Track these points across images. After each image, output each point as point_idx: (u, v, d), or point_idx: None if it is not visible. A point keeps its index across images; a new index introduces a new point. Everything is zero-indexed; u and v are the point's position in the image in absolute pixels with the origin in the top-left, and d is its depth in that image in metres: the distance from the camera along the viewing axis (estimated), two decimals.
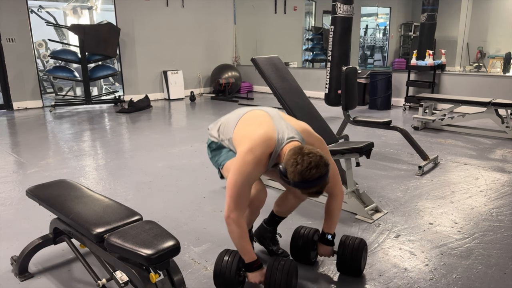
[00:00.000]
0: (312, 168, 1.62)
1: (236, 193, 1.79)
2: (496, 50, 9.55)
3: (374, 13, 11.86)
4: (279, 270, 1.84)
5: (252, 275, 1.89)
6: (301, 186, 1.68)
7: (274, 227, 2.30)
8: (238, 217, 1.81)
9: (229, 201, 1.80)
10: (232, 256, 1.92)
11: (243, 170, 1.76)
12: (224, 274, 1.89)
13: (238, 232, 1.82)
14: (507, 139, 4.85)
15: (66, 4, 10.36)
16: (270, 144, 1.80)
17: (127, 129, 5.82)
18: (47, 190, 2.15)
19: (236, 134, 1.95)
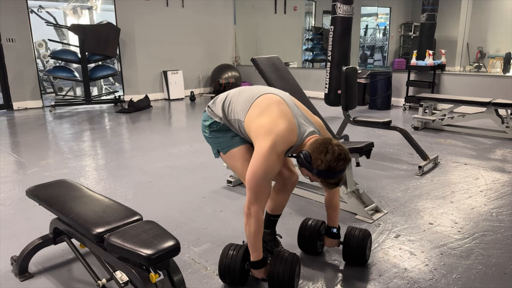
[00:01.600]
0: (341, 159, 1.68)
1: (257, 186, 1.77)
2: (496, 50, 9.55)
3: (374, 13, 11.85)
4: (282, 263, 1.87)
5: (256, 272, 1.93)
6: (324, 175, 1.71)
7: (272, 228, 2.29)
8: (258, 211, 1.80)
9: (250, 195, 1.79)
10: (237, 250, 1.95)
11: (265, 165, 1.74)
12: (229, 267, 1.91)
13: (256, 227, 1.82)
14: (507, 139, 4.85)
15: (66, 4, 10.36)
16: (292, 139, 1.79)
17: (127, 129, 5.82)
18: (47, 190, 2.15)
19: (251, 121, 1.85)
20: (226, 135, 2.00)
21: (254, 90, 1.96)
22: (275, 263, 1.88)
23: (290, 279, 1.85)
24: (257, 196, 1.79)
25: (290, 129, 1.79)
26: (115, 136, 5.32)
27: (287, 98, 1.94)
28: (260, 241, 1.88)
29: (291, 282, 1.86)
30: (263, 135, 1.76)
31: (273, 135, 1.74)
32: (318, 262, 2.23)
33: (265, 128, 1.77)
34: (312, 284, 2.03)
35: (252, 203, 1.80)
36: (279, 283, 1.86)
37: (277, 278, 1.86)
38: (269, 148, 1.73)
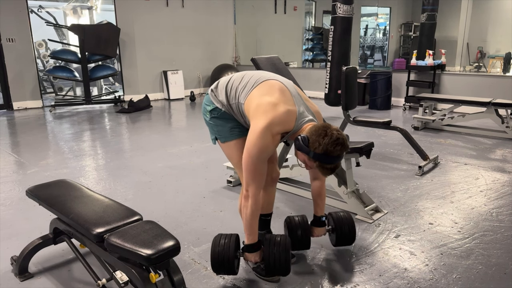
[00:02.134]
0: (339, 144, 1.68)
1: (253, 166, 1.78)
2: (496, 50, 9.55)
3: (374, 13, 11.86)
4: (277, 245, 1.87)
5: (250, 255, 1.92)
6: (321, 159, 1.70)
7: (267, 229, 2.29)
8: (256, 192, 1.80)
9: (247, 176, 1.80)
10: (228, 238, 1.93)
11: (260, 144, 1.74)
12: (223, 256, 1.89)
13: (253, 208, 1.82)
14: (507, 139, 4.85)
15: (66, 4, 10.36)
16: (289, 124, 1.80)
17: (127, 129, 5.82)
18: (47, 190, 2.15)
19: (250, 102, 1.85)
20: (226, 126, 2.00)
21: (258, 75, 1.95)
22: (269, 245, 1.88)
23: (286, 260, 1.85)
24: (254, 176, 1.79)
25: (289, 113, 1.79)
26: (115, 136, 5.32)
27: (290, 85, 1.94)
28: (257, 224, 1.88)
29: (287, 263, 1.86)
30: (260, 115, 1.77)
31: (270, 115, 1.75)
32: (318, 262, 2.23)
33: (263, 108, 1.78)
34: (312, 284, 2.03)
35: (249, 183, 1.80)
36: (275, 264, 1.86)
37: (273, 260, 1.85)
38: (264, 127, 1.73)
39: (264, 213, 2.22)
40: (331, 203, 2.97)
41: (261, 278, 2.07)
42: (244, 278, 2.09)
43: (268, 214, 2.26)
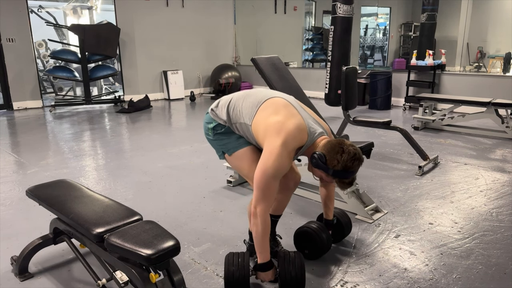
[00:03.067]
0: (356, 159, 1.73)
1: (266, 185, 1.76)
2: (496, 50, 9.55)
3: (374, 13, 11.86)
4: (291, 262, 1.88)
5: (264, 274, 1.90)
6: (340, 175, 1.75)
7: (272, 228, 2.27)
8: (265, 210, 1.80)
9: (257, 193, 1.78)
10: (242, 257, 1.91)
11: (277, 163, 1.73)
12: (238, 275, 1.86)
13: (263, 227, 1.81)
14: (507, 139, 4.85)
15: (66, 4, 10.36)
16: (302, 138, 1.80)
17: (127, 129, 5.82)
18: (47, 190, 2.15)
19: (258, 123, 1.85)
20: (232, 137, 1.99)
21: (260, 94, 1.95)
22: (284, 263, 1.87)
23: (301, 278, 1.86)
24: (265, 195, 1.78)
25: (300, 128, 1.79)
26: (115, 136, 5.32)
27: (293, 101, 1.96)
28: (267, 242, 1.87)
29: (302, 281, 1.86)
30: (273, 134, 1.76)
31: (284, 133, 1.74)
32: (318, 263, 2.23)
33: (274, 127, 1.78)
34: (312, 284, 2.03)
35: (259, 202, 1.79)
36: (291, 283, 1.86)
37: (289, 278, 1.85)
38: (280, 145, 1.73)
39: (275, 214, 2.22)
40: None
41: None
42: None
43: (278, 215, 2.25)
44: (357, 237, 2.50)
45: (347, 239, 2.48)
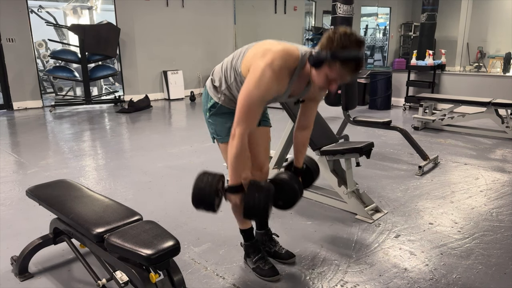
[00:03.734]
0: (351, 34, 1.59)
1: (248, 108, 1.71)
2: (496, 50, 9.55)
3: (374, 13, 11.86)
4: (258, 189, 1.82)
5: (232, 196, 1.86)
6: (341, 56, 1.57)
7: (265, 228, 2.28)
8: (244, 133, 1.75)
9: (238, 115, 1.73)
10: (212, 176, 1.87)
11: (259, 83, 1.67)
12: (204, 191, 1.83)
13: (238, 149, 1.76)
14: (507, 139, 4.85)
15: (66, 4, 10.36)
16: (292, 58, 1.71)
17: (127, 129, 5.82)
18: (47, 190, 2.15)
19: (246, 61, 1.79)
20: (224, 126, 1.97)
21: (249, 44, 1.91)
22: (250, 189, 1.83)
23: (265, 206, 1.80)
24: (246, 117, 1.73)
25: (289, 49, 1.72)
26: (115, 136, 5.32)
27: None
28: (241, 165, 1.82)
29: (266, 209, 1.80)
30: (258, 58, 1.71)
31: (269, 54, 1.68)
32: (318, 262, 2.23)
33: (259, 54, 1.72)
34: (312, 285, 2.03)
35: (239, 123, 1.74)
36: (254, 209, 1.80)
37: (253, 204, 1.80)
38: (264, 65, 1.66)
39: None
40: (331, 203, 2.97)
41: (261, 278, 2.08)
42: (244, 278, 2.09)
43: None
44: (357, 237, 2.51)
45: (347, 239, 2.48)
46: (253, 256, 2.15)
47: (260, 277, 2.08)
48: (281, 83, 1.73)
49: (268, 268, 2.09)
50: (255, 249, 2.16)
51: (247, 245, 2.18)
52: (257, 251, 2.16)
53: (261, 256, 2.14)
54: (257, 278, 2.08)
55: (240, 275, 2.12)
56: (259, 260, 2.12)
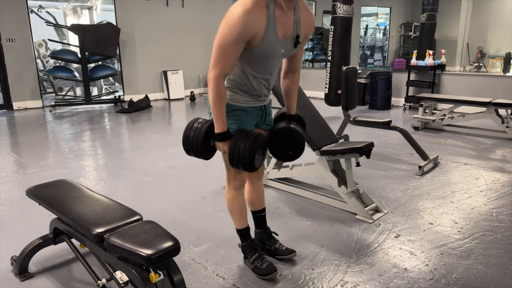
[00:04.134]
0: None
1: (221, 49, 1.69)
2: (496, 50, 9.55)
3: (374, 13, 11.86)
4: (245, 137, 1.82)
5: (220, 144, 1.86)
6: None
7: (264, 226, 2.28)
8: (217, 75, 1.74)
9: (212, 58, 1.73)
10: (202, 123, 1.90)
11: (230, 24, 1.64)
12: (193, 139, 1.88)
13: (216, 93, 1.76)
14: (507, 139, 4.85)
15: (66, 4, 10.36)
16: None
17: (127, 129, 5.82)
18: (47, 190, 2.15)
19: None
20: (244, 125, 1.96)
21: None
22: (237, 136, 1.83)
23: (250, 154, 1.79)
24: (219, 59, 1.71)
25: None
26: (115, 136, 5.32)
27: None
28: (223, 111, 1.80)
29: (251, 157, 1.79)
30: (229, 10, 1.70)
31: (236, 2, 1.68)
32: (318, 262, 2.23)
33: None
34: (312, 285, 2.03)
35: (213, 66, 1.73)
36: (239, 156, 1.80)
37: (238, 151, 1.80)
38: (233, 5, 1.66)
39: (257, 209, 2.24)
40: (331, 203, 2.97)
41: (260, 277, 2.08)
42: (244, 278, 2.09)
43: (261, 209, 2.25)
44: (357, 237, 2.51)
45: (347, 239, 2.48)
46: (250, 256, 2.15)
47: (259, 277, 2.08)
48: (257, 16, 1.66)
49: (265, 266, 2.09)
50: (251, 249, 2.16)
51: (244, 245, 2.18)
52: (254, 250, 2.16)
53: (258, 255, 2.14)
54: (257, 278, 2.08)
55: (240, 275, 2.12)
56: (256, 259, 2.13)
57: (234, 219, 2.13)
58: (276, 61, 1.89)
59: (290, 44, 1.82)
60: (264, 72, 1.88)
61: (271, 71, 1.90)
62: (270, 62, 1.86)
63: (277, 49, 1.79)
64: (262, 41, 1.71)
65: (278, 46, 1.78)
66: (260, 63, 1.83)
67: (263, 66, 1.85)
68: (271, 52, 1.78)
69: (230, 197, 2.06)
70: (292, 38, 1.81)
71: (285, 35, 1.78)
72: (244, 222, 2.13)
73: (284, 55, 1.87)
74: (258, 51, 1.75)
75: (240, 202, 2.07)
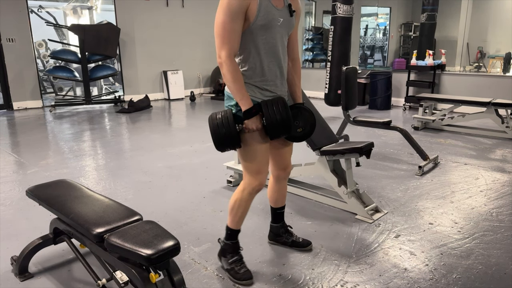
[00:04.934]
0: None
1: (222, 29, 1.74)
2: (496, 50, 9.55)
3: (374, 13, 11.86)
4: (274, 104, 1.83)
5: (250, 121, 1.83)
6: None
7: (281, 221, 2.35)
8: (229, 54, 1.76)
9: (218, 40, 1.76)
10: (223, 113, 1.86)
11: (226, 5, 1.72)
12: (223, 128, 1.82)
13: (231, 72, 1.77)
14: (507, 139, 4.85)
15: (66, 4, 10.36)
16: None
17: (127, 129, 5.82)
18: (47, 190, 2.15)
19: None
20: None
21: None
22: (266, 105, 1.83)
23: (287, 119, 1.81)
24: (224, 38, 1.75)
25: None
26: (115, 136, 5.32)
27: None
28: (243, 87, 1.80)
29: (288, 119, 1.82)
30: None
31: None
32: (318, 262, 2.23)
33: None
34: (312, 285, 2.03)
35: (220, 48, 1.76)
36: (277, 123, 1.81)
37: (275, 120, 1.80)
38: None
39: (278, 206, 2.30)
40: (331, 203, 2.97)
41: (234, 281, 2.05)
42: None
43: (282, 207, 2.31)
44: (357, 237, 2.51)
45: (347, 239, 2.49)
46: (229, 256, 2.12)
47: (233, 280, 2.05)
48: None
49: (243, 272, 2.06)
50: (234, 250, 2.13)
51: (228, 244, 2.14)
52: (235, 252, 2.13)
53: (238, 259, 2.11)
54: (257, 278, 2.08)
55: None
56: (235, 262, 2.10)
57: (231, 217, 2.08)
58: (279, 33, 1.89)
59: (286, 13, 1.90)
60: (271, 47, 1.88)
61: (277, 45, 1.89)
62: (273, 34, 1.87)
63: (276, 16, 1.85)
64: (259, 10, 1.78)
65: (276, 13, 1.84)
66: (265, 37, 1.85)
67: (268, 40, 1.86)
68: (271, 18, 1.83)
69: (240, 198, 2.02)
70: (286, 7, 1.90)
71: (279, 5, 1.86)
72: (239, 224, 2.11)
73: (285, 25, 1.90)
74: (259, 21, 1.80)
75: (247, 206, 2.05)
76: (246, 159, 1.95)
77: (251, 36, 1.83)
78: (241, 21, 1.76)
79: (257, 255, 2.31)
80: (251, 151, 1.91)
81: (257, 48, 1.85)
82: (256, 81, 1.89)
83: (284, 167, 2.17)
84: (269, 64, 1.89)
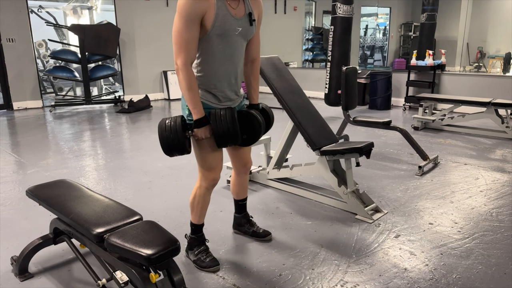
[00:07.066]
0: None
1: (179, 37, 1.77)
2: (496, 50, 9.56)
3: (374, 13, 11.87)
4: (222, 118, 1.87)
5: (199, 130, 1.90)
6: None
7: (244, 212, 2.49)
8: (185, 62, 1.78)
9: (174, 49, 1.79)
10: (173, 119, 1.91)
11: (179, 12, 1.75)
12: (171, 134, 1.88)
13: (186, 80, 1.80)
14: (507, 139, 4.85)
15: (66, 4, 10.36)
16: None
17: (127, 129, 5.82)
18: (47, 190, 2.15)
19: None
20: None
21: None
22: (214, 116, 1.87)
23: (233, 129, 1.86)
24: (181, 46, 1.77)
25: None
26: (115, 136, 5.32)
27: None
28: (197, 97, 1.85)
29: (235, 132, 1.87)
30: None
31: None
32: (318, 262, 2.23)
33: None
34: (312, 285, 2.03)
35: (176, 56, 1.79)
36: (223, 135, 1.87)
37: (222, 131, 1.85)
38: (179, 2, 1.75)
39: (240, 198, 2.46)
40: (331, 203, 2.97)
41: (201, 269, 2.15)
42: (244, 278, 2.09)
43: (243, 199, 2.47)
44: (357, 237, 2.51)
45: (347, 239, 2.49)
46: (196, 248, 2.22)
47: (200, 269, 2.15)
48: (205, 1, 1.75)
49: (209, 260, 2.17)
50: (199, 242, 2.24)
51: (194, 238, 2.24)
52: (201, 244, 2.24)
53: (204, 249, 2.22)
54: (257, 277, 2.08)
55: (240, 275, 2.12)
56: (201, 252, 2.20)
57: (193, 213, 2.19)
58: (236, 43, 1.91)
59: (246, 21, 1.90)
60: (227, 55, 1.90)
61: (234, 54, 1.92)
62: (231, 43, 1.88)
63: (233, 26, 1.85)
64: (215, 20, 1.79)
65: (234, 23, 1.85)
66: (221, 46, 1.86)
67: (224, 48, 1.88)
68: (228, 27, 1.84)
69: (198, 194, 2.14)
70: (246, 16, 1.90)
71: (238, 14, 1.86)
72: (201, 219, 2.22)
73: (243, 33, 1.91)
74: (215, 30, 1.81)
75: (205, 201, 2.17)
76: (199, 159, 2.08)
77: (207, 44, 1.86)
78: (197, 29, 1.78)
79: (257, 255, 2.31)
80: (202, 154, 2.03)
81: (213, 56, 1.89)
82: (210, 87, 1.95)
83: (244, 163, 2.29)
84: (225, 71, 1.94)
